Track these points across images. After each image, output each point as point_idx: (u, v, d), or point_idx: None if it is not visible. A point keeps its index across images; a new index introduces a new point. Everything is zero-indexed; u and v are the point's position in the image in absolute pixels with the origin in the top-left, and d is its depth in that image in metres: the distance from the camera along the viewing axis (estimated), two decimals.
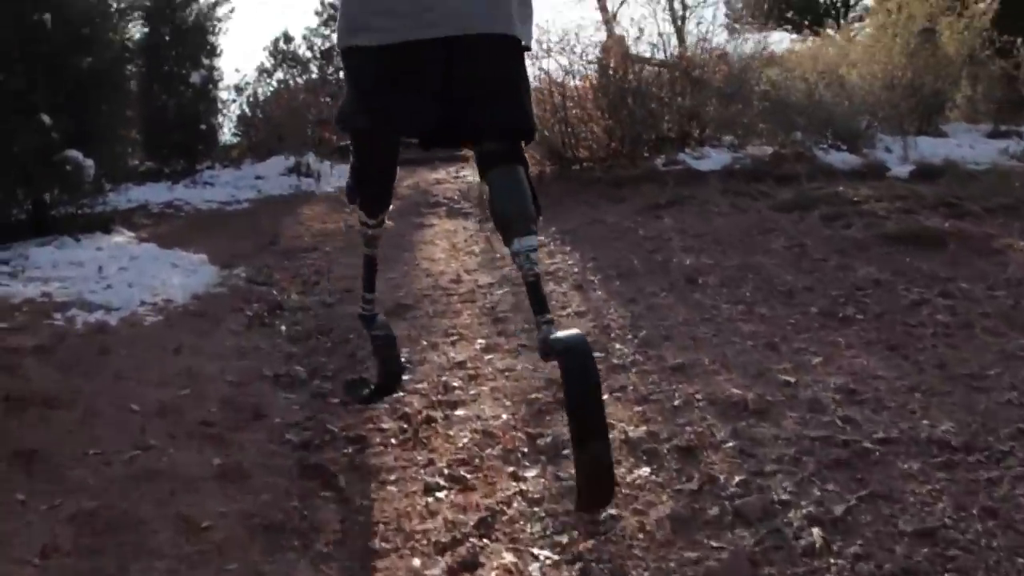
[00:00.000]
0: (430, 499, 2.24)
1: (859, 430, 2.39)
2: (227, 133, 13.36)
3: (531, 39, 2.09)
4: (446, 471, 2.39)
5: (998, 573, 1.69)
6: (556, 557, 1.91)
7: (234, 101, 12.59)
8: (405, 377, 3.11)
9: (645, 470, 2.27)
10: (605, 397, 2.39)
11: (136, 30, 12.86)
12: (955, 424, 2.38)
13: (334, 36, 26.46)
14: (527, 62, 2.12)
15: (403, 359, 3.21)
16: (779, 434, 2.40)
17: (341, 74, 2.45)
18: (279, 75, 23.87)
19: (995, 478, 2.06)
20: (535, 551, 1.94)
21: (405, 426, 2.77)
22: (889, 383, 2.74)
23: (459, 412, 2.85)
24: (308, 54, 25.60)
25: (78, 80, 6.32)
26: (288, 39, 25.66)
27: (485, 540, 2.01)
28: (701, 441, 2.39)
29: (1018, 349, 2.97)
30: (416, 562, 1.94)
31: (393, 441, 2.66)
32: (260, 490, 2.30)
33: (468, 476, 2.35)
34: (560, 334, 1.82)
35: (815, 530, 1.87)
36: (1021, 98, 10.29)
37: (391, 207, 2.71)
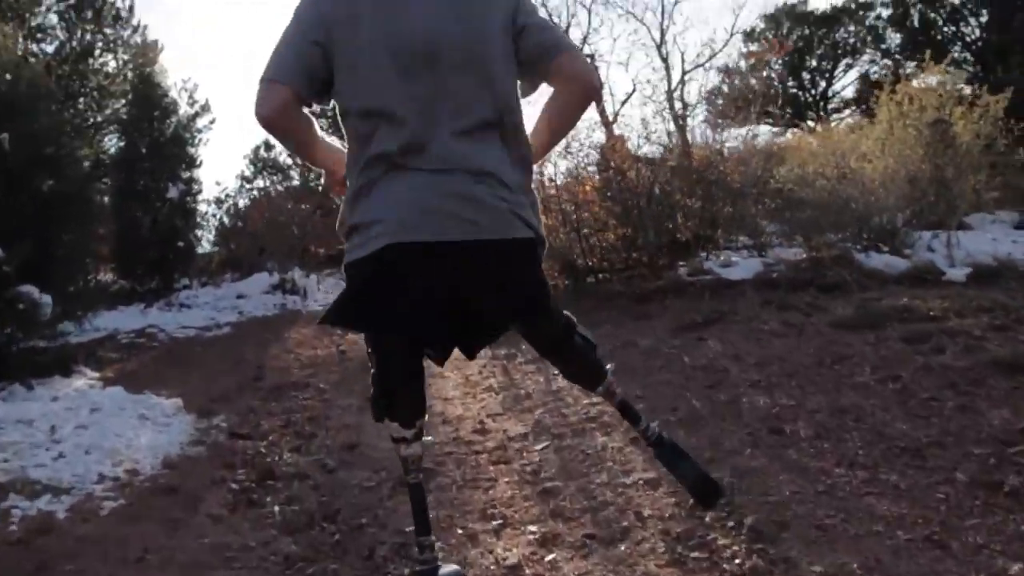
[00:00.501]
0: None
1: None
2: (207, 246, 12.72)
3: (535, 205, 1.88)
4: None
5: None
6: None
7: (214, 215, 12.00)
8: None
9: None
10: None
11: (112, 143, 12.41)
12: None
13: None
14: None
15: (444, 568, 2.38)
16: None
17: (323, 179, 1.98)
18: (259, 183, 23.58)
19: None
20: None
21: None
22: None
23: None
24: (288, 161, 25.42)
25: (40, 203, 5.63)
26: (269, 147, 25.51)
27: None
28: None
29: None
30: None
31: None
32: None
33: None
34: None
35: None
36: None
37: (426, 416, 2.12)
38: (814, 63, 26.00)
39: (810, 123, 21.40)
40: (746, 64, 17.55)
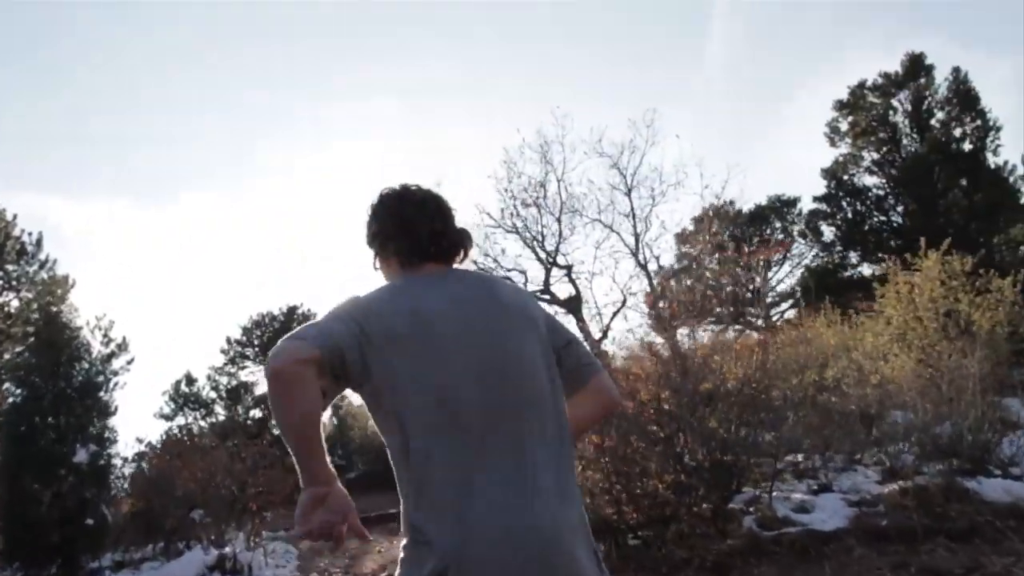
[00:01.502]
0: None
1: None
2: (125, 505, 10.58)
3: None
4: None
5: None
6: None
7: (134, 471, 9.99)
8: None
9: None
10: None
11: (8, 393, 10.47)
12: None
13: (240, 374, 23.23)
14: None
15: None
16: None
17: (253, 413, 0.81)
18: (180, 420, 21.42)
19: None
20: None
21: None
22: None
23: None
24: (212, 395, 23.49)
25: None
26: (191, 380, 23.63)
27: None
28: None
29: None
30: None
31: None
32: None
33: None
34: None
35: None
36: None
37: None
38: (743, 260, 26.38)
39: (751, 320, 21.05)
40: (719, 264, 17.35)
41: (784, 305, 25.71)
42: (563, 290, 16.60)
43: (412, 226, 1.81)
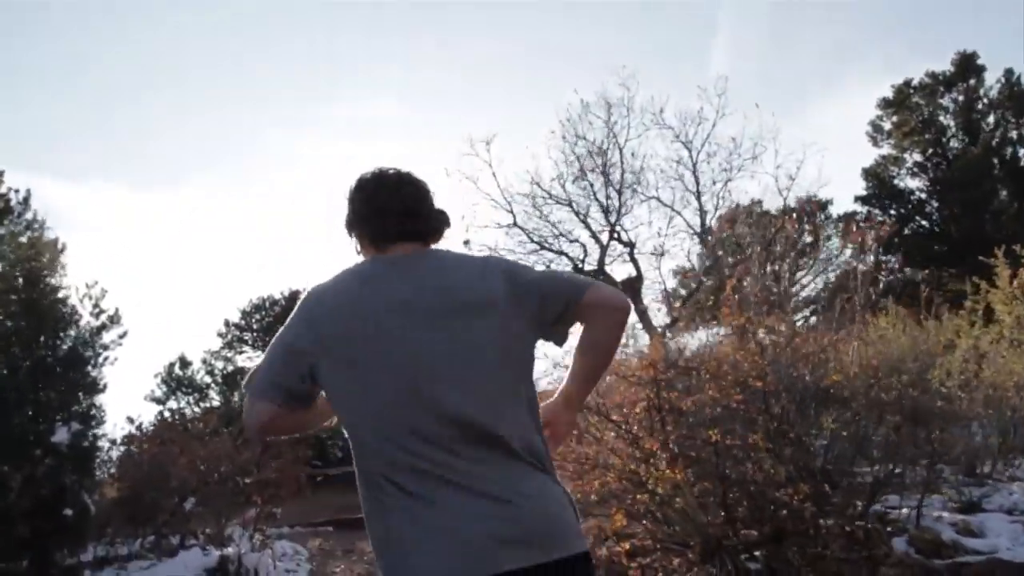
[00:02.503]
0: None
1: None
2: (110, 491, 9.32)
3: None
4: None
5: None
6: None
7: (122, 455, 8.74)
8: None
9: None
10: None
11: None
12: None
13: (237, 359, 21.53)
14: None
15: None
16: None
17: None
18: (172, 404, 20.14)
19: None
20: None
21: None
22: None
23: None
24: (207, 379, 22.20)
25: None
26: (185, 363, 22.35)
27: None
28: None
29: None
30: None
31: None
32: None
33: None
34: None
35: None
36: None
37: None
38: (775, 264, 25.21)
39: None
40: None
41: (807, 310, 24.57)
42: (619, 272, 15.35)
43: (383, 209, 1.81)
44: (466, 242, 15.69)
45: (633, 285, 14.65)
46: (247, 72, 36.50)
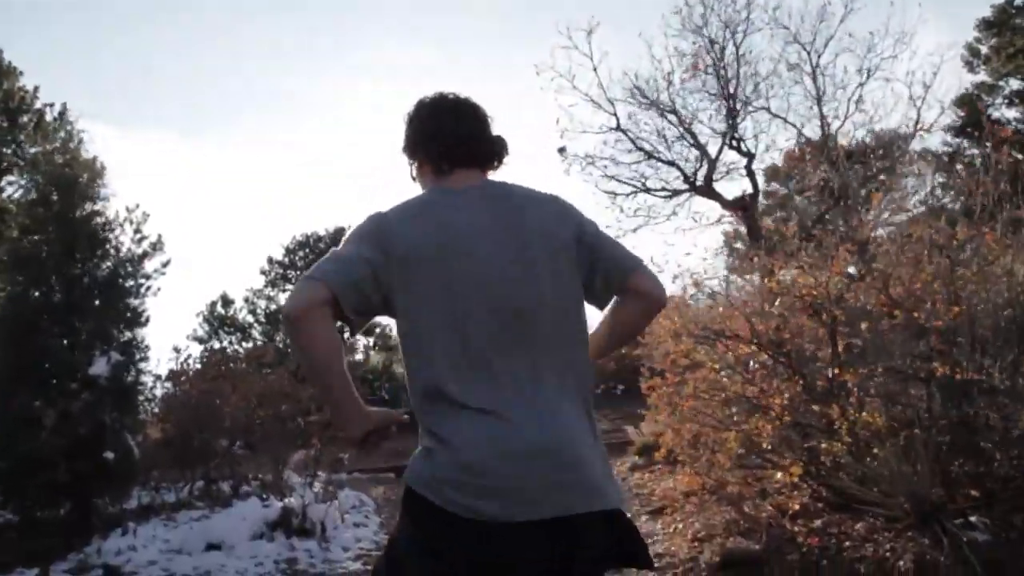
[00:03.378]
0: None
1: None
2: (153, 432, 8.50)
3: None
4: None
5: None
6: None
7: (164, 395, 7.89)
8: None
9: None
10: None
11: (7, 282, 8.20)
12: None
13: (280, 297, 20.62)
14: None
15: None
16: None
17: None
18: (215, 344, 19.44)
19: None
20: None
21: None
22: None
23: None
24: (250, 319, 21.46)
25: None
26: (227, 302, 21.63)
27: None
28: None
29: None
30: None
31: None
32: None
33: None
34: None
35: None
36: None
37: None
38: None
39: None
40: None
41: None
42: (728, 190, 13.91)
43: (444, 131, 1.77)
44: (561, 149, 14.28)
45: (742, 203, 13.36)
46: (302, 16, 35.30)
